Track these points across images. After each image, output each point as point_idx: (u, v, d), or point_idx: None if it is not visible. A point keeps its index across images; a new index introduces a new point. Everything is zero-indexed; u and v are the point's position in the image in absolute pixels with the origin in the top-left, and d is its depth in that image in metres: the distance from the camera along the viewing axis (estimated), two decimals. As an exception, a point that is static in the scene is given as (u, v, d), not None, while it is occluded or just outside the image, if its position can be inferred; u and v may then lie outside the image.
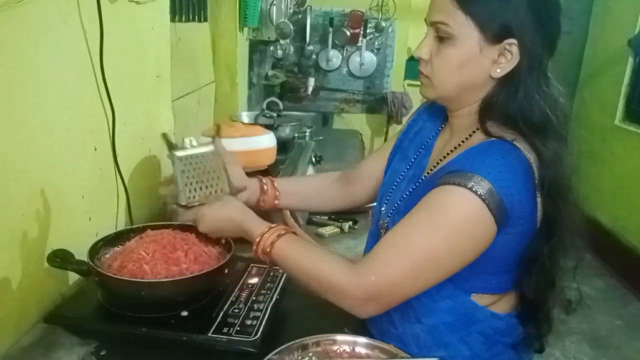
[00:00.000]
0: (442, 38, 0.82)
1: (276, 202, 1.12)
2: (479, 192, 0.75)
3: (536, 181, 0.80)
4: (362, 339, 0.89)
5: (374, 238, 1.00)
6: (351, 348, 0.88)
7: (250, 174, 1.13)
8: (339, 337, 0.89)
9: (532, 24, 0.80)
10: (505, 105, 0.82)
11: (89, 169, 1.15)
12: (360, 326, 0.98)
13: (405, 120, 3.99)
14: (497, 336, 0.88)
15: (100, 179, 1.21)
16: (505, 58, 0.81)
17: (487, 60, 0.81)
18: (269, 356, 0.82)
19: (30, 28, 0.92)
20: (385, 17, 3.75)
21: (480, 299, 0.87)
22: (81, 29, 1.08)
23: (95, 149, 1.17)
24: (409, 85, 4.12)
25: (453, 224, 0.77)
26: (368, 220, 1.64)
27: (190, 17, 2.05)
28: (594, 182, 3.41)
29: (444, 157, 0.91)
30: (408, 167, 0.99)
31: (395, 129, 3.99)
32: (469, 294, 0.87)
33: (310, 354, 0.86)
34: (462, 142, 0.89)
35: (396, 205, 0.96)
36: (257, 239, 0.91)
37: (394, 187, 0.99)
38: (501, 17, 0.79)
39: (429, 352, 0.88)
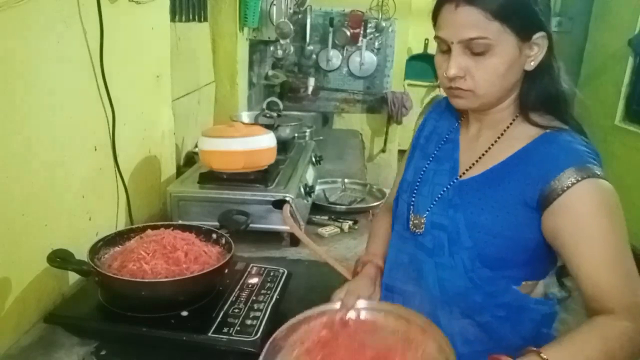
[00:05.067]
0: (480, 52, 0.83)
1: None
2: (602, 176, 0.80)
3: None
4: (365, 303, 0.88)
5: (402, 239, 0.98)
6: (357, 315, 0.87)
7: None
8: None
9: (548, 13, 0.85)
10: (543, 92, 0.87)
11: (89, 169, 1.15)
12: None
13: (405, 120, 3.99)
14: (543, 321, 0.90)
15: (100, 179, 1.21)
16: (536, 50, 0.85)
17: (524, 58, 0.85)
18: (275, 335, 0.80)
19: (31, 28, 0.92)
20: (385, 17, 3.75)
21: (523, 288, 0.89)
22: (81, 29, 1.08)
23: (95, 149, 1.17)
24: (409, 85, 4.12)
25: (618, 213, 0.81)
26: (368, 220, 1.64)
27: (190, 17, 2.05)
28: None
29: (487, 150, 0.92)
30: (429, 161, 0.99)
31: (395, 129, 4.00)
32: (517, 284, 0.88)
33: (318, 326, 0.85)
34: (502, 134, 0.91)
35: (437, 198, 0.93)
36: None
37: (418, 183, 0.98)
38: (531, 17, 0.82)
39: (479, 346, 0.88)
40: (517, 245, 0.84)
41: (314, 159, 1.88)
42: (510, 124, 0.90)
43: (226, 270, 1.03)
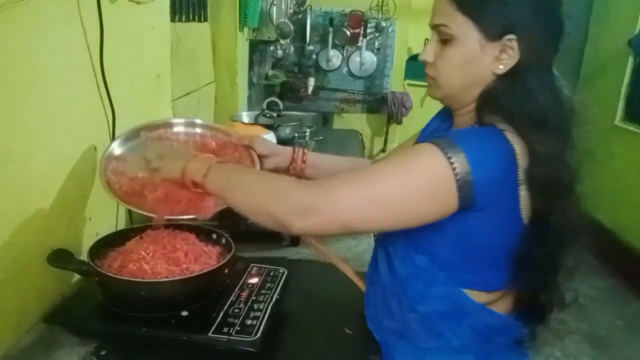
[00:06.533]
0: (445, 40, 0.85)
1: (302, 173, 1.18)
2: (448, 155, 0.76)
3: (519, 173, 0.79)
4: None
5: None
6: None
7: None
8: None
9: (530, 19, 0.81)
10: (503, 99, 0.83)
11: (89, 169, 1.15)
12: (360, 326, 0.98)
13: (405, 120, 4.00)
14: (489, 333, 0.88)
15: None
16: (507, 54, 0.82)
17: (488, 58, 0.83)
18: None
19: (30, 28, 0.92)
20: (385, 17, 3.74)
21: (475, 297, 0.87)
22: (81, 29, 1.08)
23: (95, 149, 1.17)
24: (409, 85, 4.12)
25: (416, 172, 0.79)
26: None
27: (190, 17, 2.05)
28: (594, 182, 3.40)
29: None
30: None
31: (396, 129, 3.99)
32: (461, 287, 0.87)
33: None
34: None
35: None
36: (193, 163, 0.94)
37: None
38: (499, 15, 0.81)
39: (421, 343, 0.88)
40: (441, 236, 0.83)
41: (314, 159, 1.87)
42: (472, 125, 0.89)
43: (226, 270, 1.03)
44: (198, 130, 1.22)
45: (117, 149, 1.11)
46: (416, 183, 0.78)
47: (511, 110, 0.81)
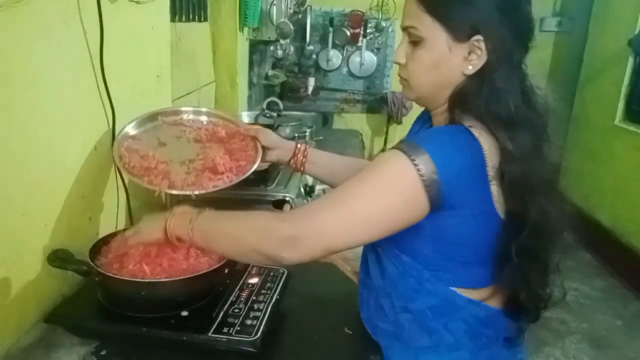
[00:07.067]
0: (415, 42, 0.87)
1: (302, 168, 1.20)
2: (412, 157, 0.77)
3: (488, 169, 0.80)
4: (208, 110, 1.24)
5: None
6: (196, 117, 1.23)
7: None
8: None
9: (497, 19, 0.82)
10: (473, 99, 0.84)
11: (89, 169, 1.15)
12: (360, 326, 0.98)
13: (405, 120, 4.00)
14: (479, 326, 0.88)
15: (100, 179, 1.21)
16: (476, 55, 0.83)
17: (457, 59, 0.84)
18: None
19: (31, 28, 0.92)
20: (385, 17, 3.74)
21: (462, 294, 0.88)
22: (81, 29, 1.08)
23: (95, 149, 1.17)
24: (409, 85, 4.12)
25: (383, 182, 0.80)
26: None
27: (190, 17, 2.05)
28: (594, 182, 3.41)
29: None
30: None
31: (396, 129, 4.00)
32: (447, 285, 0.87)
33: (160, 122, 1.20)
34: None
35: None
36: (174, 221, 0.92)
37: None
38: (465, 17, 0.83)
39: (414, 343, 0.89)
40: (419, 236, 0.84)
41: (314, 159, 1.87)
42: (446, 125, 0.89)
43: (226, 270, 1.03)
44: (210, 118, 1.27)
45: (132, 129, 1.18)
46: (386, 194, 0.79)
47: (480, 109, 0.82)
